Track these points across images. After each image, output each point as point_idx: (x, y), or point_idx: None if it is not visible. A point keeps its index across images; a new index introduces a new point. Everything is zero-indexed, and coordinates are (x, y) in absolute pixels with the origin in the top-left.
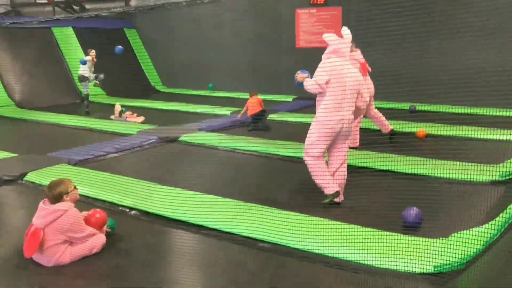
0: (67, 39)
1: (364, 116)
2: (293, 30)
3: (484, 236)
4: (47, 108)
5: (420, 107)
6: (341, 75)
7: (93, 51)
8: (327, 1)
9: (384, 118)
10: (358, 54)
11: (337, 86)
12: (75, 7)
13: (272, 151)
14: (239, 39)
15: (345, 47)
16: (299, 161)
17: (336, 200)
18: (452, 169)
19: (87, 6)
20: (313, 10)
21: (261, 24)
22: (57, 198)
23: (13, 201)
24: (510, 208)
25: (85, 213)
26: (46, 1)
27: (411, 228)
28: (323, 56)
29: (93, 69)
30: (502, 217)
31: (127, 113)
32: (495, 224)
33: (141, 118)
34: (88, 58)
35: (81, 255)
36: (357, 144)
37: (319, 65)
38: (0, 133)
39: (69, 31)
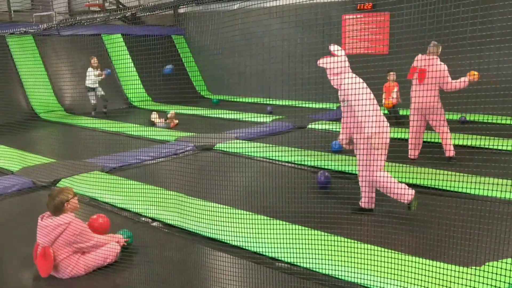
0: (117, 46)
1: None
2: (339, 36)
3: None
4: (95, 114)
5: (471, 117)
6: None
7: (95, 58)
8: (375, 6)
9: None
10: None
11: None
12: (126, 15)
13: (308, 163)
14: (284, 46)
15: (344, 64)
16: (342, 175)
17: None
18: (498, 187)
19: (138, 14)
20: (360, 15)
21: (307, 31)
22: (58, 207)
23: (44, 207)
24: None
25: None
26: (99, 9)
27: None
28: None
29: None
30: None
31: (170, 113)
32: None
33: (175, 122)
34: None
35: (95, 265)
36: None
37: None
38: (44, 138)
39: (118, 38)
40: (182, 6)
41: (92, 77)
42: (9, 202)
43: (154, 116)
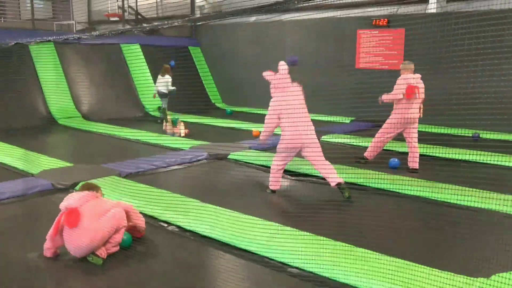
0: (134, 55)
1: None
2: (353, 50)
3: None
4: (111, 121)
5: (484, 135)
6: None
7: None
8: (389, 23)
9: (417, 155)
10: (415, 77)
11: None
12: (144, 25)
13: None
14: (300, 59)
15: (281, 82)
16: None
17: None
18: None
19: (155, 23)
20: (375, 31)
21: (322, 44)
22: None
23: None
24: None
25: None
26: (118, 19)
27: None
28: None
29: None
30: None
31: (180, 123)
32: None
33: (186, 131)
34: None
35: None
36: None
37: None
38: (63, 143)
39: (137, 47)
40: (199, 22)
41: (163, 82)
42: (31, 202)
43: (168, 127)
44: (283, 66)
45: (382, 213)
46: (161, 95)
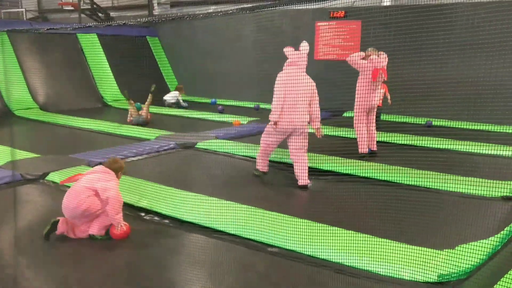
0: (92, 45)
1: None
2: (312, 42)
3: (487, 248)
4: (69, 112)
5: (436, 122)
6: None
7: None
8: (347, 15)
9: (375, 137)
10: (382, 58)
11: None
12: (100, 15)
13: (286, 160)
14: (258, 50)
15: (301, 59)
16: (314, 170)
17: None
18: (465, 184)
19: (112, 14)
20: (333, 23)
21: (279, 36)
22: (116, 169)
23: (34, 198)
24: None
25: None
26: (72, 8)
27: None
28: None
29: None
30: (507, 230)
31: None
32: (499, 237)
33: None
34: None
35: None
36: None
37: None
38: (24, 134)
39: (94, 37)
40: (155, 9)
41: (172, 95)
42: (0, 193)
43: (133, 111)
44: (305, 46)
45: (349, 196)
46: (168, 105)
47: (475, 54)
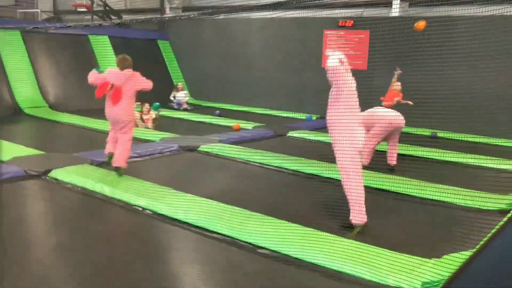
0: (102, 47)
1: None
2: (320, 50)
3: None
4: (78, 111)
5: (442, 133)
6: None
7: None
8: (355, 24)
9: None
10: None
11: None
12: (112, 17)
13: (286, 166)
14: (266, 56)
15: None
16: (312, 177)
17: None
18: (463, 196)
19: (124, 16)
20: (341, 32)
21: (289, 43)
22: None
23: (36, 194)
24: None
25: None
26: (85, 10)
27: None
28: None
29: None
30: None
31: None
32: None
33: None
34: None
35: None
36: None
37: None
38: (31, 132)
39: (105, 39)
40: (167, 15)
41: (182, 94)
42: (3, 188)
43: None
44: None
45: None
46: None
47: (483, 65)
